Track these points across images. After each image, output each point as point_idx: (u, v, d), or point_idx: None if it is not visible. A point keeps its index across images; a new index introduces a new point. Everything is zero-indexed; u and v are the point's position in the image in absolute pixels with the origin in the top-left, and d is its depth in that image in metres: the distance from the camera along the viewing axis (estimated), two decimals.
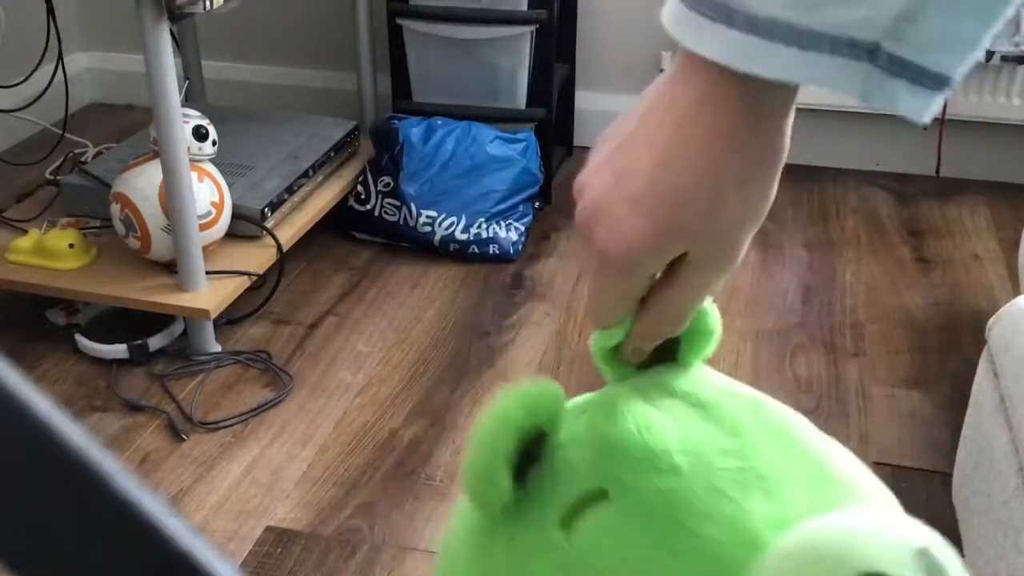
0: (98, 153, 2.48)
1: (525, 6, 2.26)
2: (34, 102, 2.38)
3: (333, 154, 2.25)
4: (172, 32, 1.67)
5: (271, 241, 1.98)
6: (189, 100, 2.40)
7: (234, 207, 1.91)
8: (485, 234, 2.19)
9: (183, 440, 1.68)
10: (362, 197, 2.23)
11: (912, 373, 1.85)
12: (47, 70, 2.36)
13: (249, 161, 2.13)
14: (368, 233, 2.25)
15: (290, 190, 2.07)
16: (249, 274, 1.91)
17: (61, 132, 2.46)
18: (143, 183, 1.81)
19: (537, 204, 2.33)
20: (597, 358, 0.52)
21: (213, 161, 1.87)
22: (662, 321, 0.49)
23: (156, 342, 1.85)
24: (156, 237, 1.82)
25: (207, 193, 1.83)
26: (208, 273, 1.84)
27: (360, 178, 2.25)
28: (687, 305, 0.48)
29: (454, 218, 2.17)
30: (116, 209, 1.83)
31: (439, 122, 2.24)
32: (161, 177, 1.75)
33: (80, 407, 1.74)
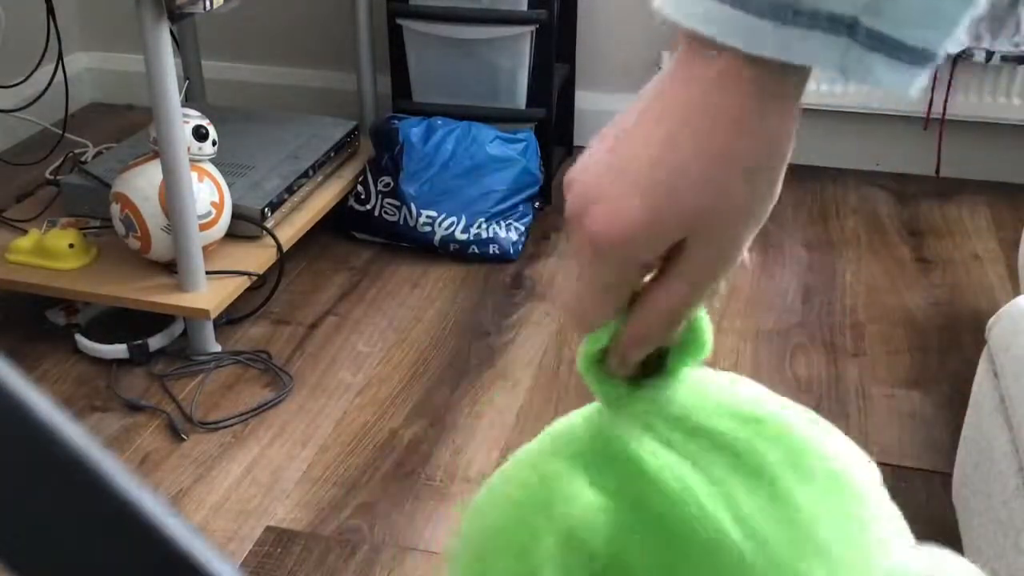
0: (98, 153, 2.48)
1: (525, 6, 2.26)
2: (34, 102, 2.38)
3: (333, 154, 2.25)
4: (172, 32, 1.67)
5: (271, 241, 1.98)
6: (189, 100, 2.40)
7: (234, 207, 1.91)
8: (485, 234, 2.19)
9: (183, 440, 1.68)
10: (362, 197, 2.23)
11: (912, 373, 1.85)
12: (47, 70, 2.36)
13: (249, 161, 2.13)
14: (368, 233, 2.25)
15: (290, 190, 2.07)
16: (249, 274, 1.91)
17: (61, 132, 2.46)
18: (143, 183, 1.81)
19: (537, 204, 2.33)
20: (583, 367, 0.49)
21: (213, 161, 1.87)
22: (653, 322, 0.45)
23: (156, 342, 1.85)
24: (156, 237, 1.82)
25: (207, 193, 1.83)
26: (208, 273, 1.84)
27: (360, 178, 2.25)
28: (680, 306, 0.45)
29: (454, 218, 2.17)
30: (116, 209, 1.83)
31: (439, 122, 2.24)
32: (161, 177, 1.75)
33: (80, 407, 1.74)
